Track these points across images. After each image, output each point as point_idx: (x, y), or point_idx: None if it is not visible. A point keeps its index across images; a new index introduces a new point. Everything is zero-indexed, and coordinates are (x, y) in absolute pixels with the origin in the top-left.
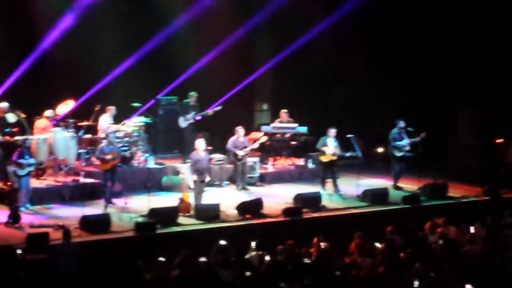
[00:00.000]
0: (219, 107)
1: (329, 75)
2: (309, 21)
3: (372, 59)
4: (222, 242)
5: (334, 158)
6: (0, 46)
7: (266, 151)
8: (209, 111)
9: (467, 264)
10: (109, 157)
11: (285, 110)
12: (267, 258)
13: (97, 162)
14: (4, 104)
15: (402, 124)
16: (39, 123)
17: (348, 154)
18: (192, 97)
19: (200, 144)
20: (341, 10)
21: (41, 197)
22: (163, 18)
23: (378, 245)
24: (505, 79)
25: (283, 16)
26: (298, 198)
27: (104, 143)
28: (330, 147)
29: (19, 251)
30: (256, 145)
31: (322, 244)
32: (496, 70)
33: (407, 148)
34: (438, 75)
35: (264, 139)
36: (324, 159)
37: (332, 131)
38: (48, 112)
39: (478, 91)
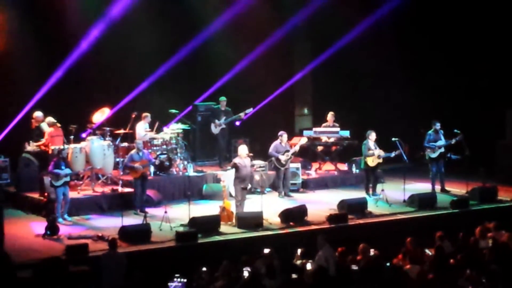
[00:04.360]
0: (250, 109)
1: (371, 77)
2: (347, 23)
3: (414, 60)
4: (266, 250)
5: (380, 160)
6: (35, 54)
7: (308, 157)
8: (241, 114)
9: None
10: (137, 165)
11: (332, 113)
12: (309, 265)
13: (127, 170)
14: (39, 113)
15: (438, 125)
16: (48, 131)
17: (393, 155)
18: (222, 102)
19: (243, 150)
20: (379, 11)
21: (78, 207)
22: (200, 23)
23: (428, 251)
24: None
25: (321, 19)
26: (343, 204)
27: (134, 150)
28: (375, 150)
29: None
30: (297, 148)
31: (371, 251)
32: None
33: (441, 150)
34: (484, 76)
35: (304, 140)
36: (370, 162)
37: (373, 134)
38: (49, 119)
39: None
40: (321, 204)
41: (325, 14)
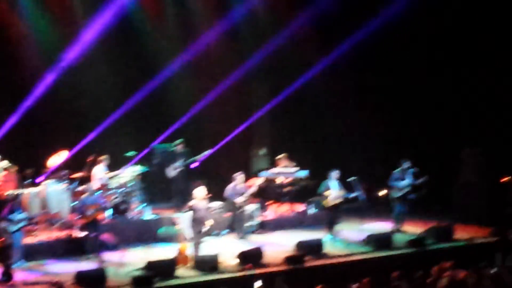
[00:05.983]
0: (208, 151)
1: (328, 117)
2: (304, 63)
3: (371, 100)
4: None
5: (339, 201)
6: None
7: (265, 197)
8: (196, 157)
9: None
10: (89, 212)
11: (283, 155)
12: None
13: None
14: None
15: (407, 165)
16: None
17: (352, 196)
18: (178, 144)
19: (199, 192)
20: (337, 50)
21: (34, 253)
22: (157, 65)
23: None
24: (505, 118)
25: (278, 60)
26: (300, 245)
27: (85, 194)
28: (333, 190)
29: None
30: (254, 189)
31: None
32: (496, 109)
33: (407, 189)
34: (439, 116)
35: (260, 181)
36: (327, 204)
37: (335, 173)
38: (3, 163)
39: (478, 130)
40: (279, 246)
41: (283, 55)
